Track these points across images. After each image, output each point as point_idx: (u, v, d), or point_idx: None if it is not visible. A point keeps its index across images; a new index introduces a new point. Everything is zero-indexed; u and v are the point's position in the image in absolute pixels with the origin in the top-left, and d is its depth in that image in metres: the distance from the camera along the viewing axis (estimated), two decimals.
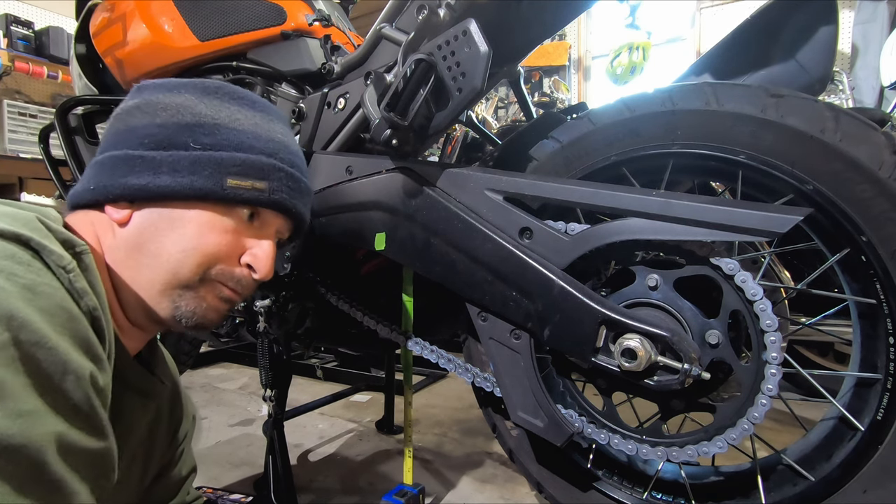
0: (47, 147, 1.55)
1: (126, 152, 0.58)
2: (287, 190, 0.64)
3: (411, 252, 0.87)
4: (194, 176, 0.58)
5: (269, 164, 0.62)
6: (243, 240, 0.62)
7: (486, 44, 0.73)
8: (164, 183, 0.57)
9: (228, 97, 0.64)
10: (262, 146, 0.62)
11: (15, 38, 3.71)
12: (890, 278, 0.64)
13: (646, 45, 4.01)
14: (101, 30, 1.34)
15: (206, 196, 0.58)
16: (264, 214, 0.64)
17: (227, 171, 0.59)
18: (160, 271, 0.57)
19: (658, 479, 0.83)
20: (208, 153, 0.59)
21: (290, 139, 0.68)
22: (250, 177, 0.60)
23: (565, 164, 0.84)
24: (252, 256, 0.62)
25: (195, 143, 0.59)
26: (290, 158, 0.65)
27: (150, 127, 0.59)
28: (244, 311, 1.18)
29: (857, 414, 0.70)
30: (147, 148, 0.58)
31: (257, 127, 0.63)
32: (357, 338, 1.26)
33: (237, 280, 0.62)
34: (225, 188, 0.59)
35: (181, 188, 0.57)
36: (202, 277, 0.59)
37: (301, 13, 1.20)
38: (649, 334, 0.68)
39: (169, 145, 0.58)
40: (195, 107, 0.60)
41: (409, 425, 1.12)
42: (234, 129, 0.61)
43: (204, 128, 0.60)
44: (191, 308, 0.59)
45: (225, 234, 0.60)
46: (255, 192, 0.61)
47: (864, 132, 0.65)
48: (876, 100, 2.86)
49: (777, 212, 0.63)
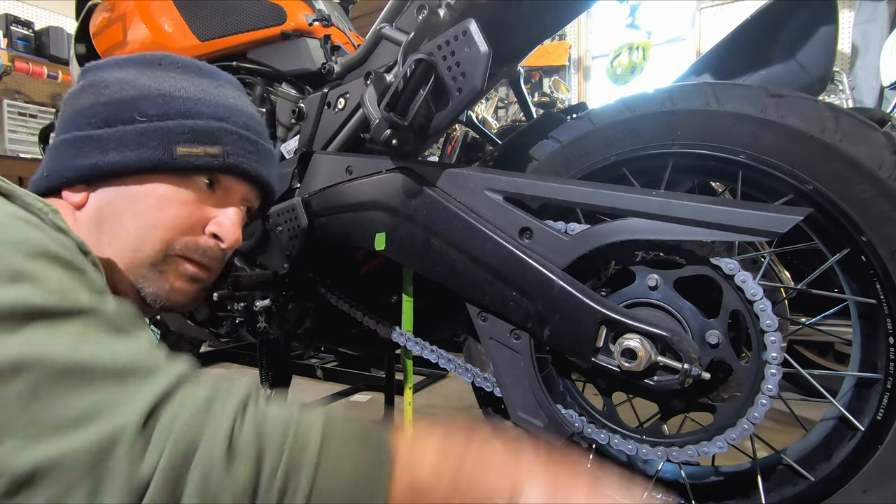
0: (47, 147, 1.55)
1: (74, 134, 0.57)
2: (243, 153, 0.62)
3: (411, 252, 0.87)
4: (142, 149, 0.57)
5: (220, 128, 0.60)
6: (206, 209, 0.61)
7: (486, 44, 0.73)
8: (112, 159, 0.56)
9: (172, 66, 0.62)
10: (210, 111, 0.60)
11: (15, 38, 3.71)
12: (890, 278, 0.64)
13: (646, 45, 4.01)
14: (101, 30, 1.34)
15: (156, 167, 0.57)
16: (224, 181, 0.62)
17: (175, 140, 0.58)
18: (122, 250, 0.56)
19: (658, 479, 0.83)
20: (154, 124, 0.57)
21: (244, 103, 0.66)
22: (200, 142, 0.59)
23: (565, 164, 0.84)
24: (217, 225, 0.61)
25: (140, 116, 0.58)
26: (243, 121, 0.63)
27: (96, 106, 0.58)
28: (244, 310, 1.18)
29: (857, 414, 0.70)
30: (94, 127, 0.57)
31: (205, 93, 0.61)
32: (357, 338, 1.26)
33: (203, 251, 0.60)
34: (175, 157, 0.57)
35: (130, 162, 0.56)
36: (166, 254, 0.57)
37: (301, 13, 1.20)
38: (649, 334, 0.68)
39: (115, 121, 0.57)
40: (137, 80, 0.59)
41: (409, 425, 1.12)
42: (179, 97, 0.59)
43: (148, 100, 0.58)
44: (153, 289, 0.58)
45: (184, 206, 0.59)
46: (209, 158, 0.59)
47: (864, 132, 0.65)
48: (876, 100, 2.86)
49: (777, 212, 0.62)
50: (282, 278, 1.06)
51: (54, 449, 0.32)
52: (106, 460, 0.33)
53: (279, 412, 0.40)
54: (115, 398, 0.35)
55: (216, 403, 0.38)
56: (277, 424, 0.39)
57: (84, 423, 0.33)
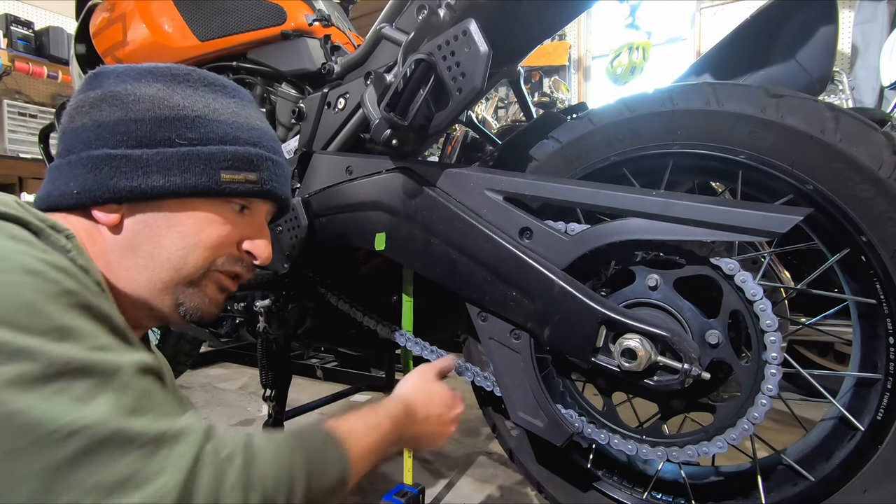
0: (47, 147, 1.55)
1: (106, 152, 0.55)
2: (275, 178, 0.65)
3: (411, 252, 0.87)
4: (187, 174, 0.57)
5: (258, 155, 0.63)
6: (240, 229, 0.63)
7: (486, 44, 0.73)
8: (156, 183, 0.56)
9: (199, 83, 0.62)
10: (246, 136, 0.63)
11: (15, 38, 3.71)
12: (890, 278, 0.64)
13: (646, 45, 4.01)
14: (101, 30, 1.34)
15: (201, 193, 0.58)
16: (255, 203, 0.65)
17: (219, 166, 0.59)
18: (161, 270, 0.57)
19: (658, 479, 0.83)
20: (196, 149, 0.58)
21: (266, 124, 0.69)
22: (242, 170, 0.61)
23: (565, 164, 0.84)
24: (252, 244, 0.64)
25: (180, 139, 0.57)
26: (272, 146, 0.66)
27: (127, 123, 0.56)
28: (244, 310, 1.18)
29: (857, 414, 0.70)
30: (129, 146, 0.56)
31: (236, 115, 0.63)
32: (357, 338, 1.26)
33: (242, 264, 0.64)
34: (220, 184, 0.59)
35: (175, 187, 0.56)
36: (206, 270, 0.60)
37: (301, 13, 1.20)
38: (649, 334, 0.68)
39: (152, 142, 0.56)
40: (170, 98, 0.58)
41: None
42: (215, 120, 0.60)
43: (185, 121, 0.58)
44: (195, 303, 0.60)
45: (224, 227, 0.61)
46: (249, 185, 0.62)
47: (864, 132, 0.65)
48: (876, 100, 2.86)
49: (777, 212, 0.62)
50: (282, 278, 1.06)
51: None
52: None
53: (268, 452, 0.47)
54: (157, 465, 0.38)
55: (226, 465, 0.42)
56: (273, 466, 0.46)
57: (127, 490, 0.36)
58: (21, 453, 0.34)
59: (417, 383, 0.77)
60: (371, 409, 0.65)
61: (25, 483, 0.34)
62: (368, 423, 0.62)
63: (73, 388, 0.37)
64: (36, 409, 0.34)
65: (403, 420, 0.68)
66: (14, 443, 0.34)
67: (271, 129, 0.69)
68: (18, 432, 0.34)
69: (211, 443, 0.42)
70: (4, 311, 0.36)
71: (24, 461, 0.34)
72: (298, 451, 0.49)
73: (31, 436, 0.34)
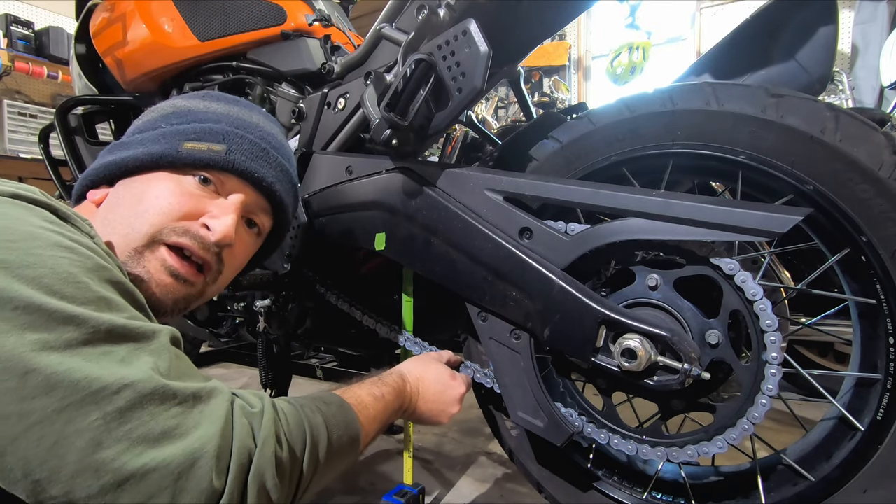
0: (47, 147, 1.55)
1: (112, 143, 0.65)
2: (249, 155, 0.64)
3: (411, 252, 0.87)
4: (154, 145, 0.61)
5: (231, 131, 0.64)
6: (203, 203, 0.61)
7: (486, 44, 0.73)
8: (125, 155, 0.61)
9: (213, 98, 0.69)
10: (228, 122, 0.65)
11: (15, 38, 3.72)
12: (890, 278, 0.64)
13: (646, 45, 4.01)
14: (101, 30, 1.34)
15: (160, 158, 0.61)
16: (227, 183, 0.63)
17: (184, 137, 0.62)
18: (112, 234, 0.56)
19: (658, 479, 0.83)
20: (173, 127, 0.63)
21: (272, 128, 0.70)
22: (207, 140, 0.62)
23: (565, 164, 0.84)
24: (209, 216, 0.61)
25: (166, 125, 0.64)
26: (258, 132, 0.67)
27: (139, 123, 0.67)
28: (244, 310, 1.18)
29: (857, 414, 0.70)
30: (128, 136, 0.65)
31: (231, 112, 0.67)
32: (357, 338, 1.26)
33: (191, 235, 0.59)
34: (179, 150, 0.61)
35: (140, 155, 0.61)
36: (152, 238, 0.57)
37: (301, 13, 1.20)
38: (649, 334, 0.68)
39: (144, 130, 0.64)
40: (178, 102, 0.67)
41: (409, 425, 1.12)
42: (205, 111, 0.66)
43: (177, 113, 0.65)
44: (138, 276, 0.56)
45: (178, 196, 0.59)
46: (211, 153, 0.61)
47: (864, 132, 0.65)
48: (876, 100, 2.86)
49: (777, 212, 0.62)
50: (282, 278, 1.06)
51: (157, 456, 0.38)
52: (189, 472, 0.39)
53: (292, 413, 0.51)
54: (195, 418, 0.41)
55: (255, 419, 0.46)
56: (295, 424, 0.50)
57: (171, 440, 0.39)
58: (75, 408, 0.36)
59: (418, 361, 0.82)
60: (373, 381, 0.69)
61: (78, 437, 0.36)
62: (373, 394, 0.66)
63: (117, 351, 0.41)
64: (86, 369, 0.38)
65: (403, 391, 0.72)
66: (68, 398, 0.36)
67: (273, 130, 0.70)
68: (71, 389, 0.37)
69: (238, 401, 0.46)
70: (52, 282, 0.40)
71: (78, 415, 0.36)
72: (318, 413, 0.53)
73: (83, 392, 0.37)
